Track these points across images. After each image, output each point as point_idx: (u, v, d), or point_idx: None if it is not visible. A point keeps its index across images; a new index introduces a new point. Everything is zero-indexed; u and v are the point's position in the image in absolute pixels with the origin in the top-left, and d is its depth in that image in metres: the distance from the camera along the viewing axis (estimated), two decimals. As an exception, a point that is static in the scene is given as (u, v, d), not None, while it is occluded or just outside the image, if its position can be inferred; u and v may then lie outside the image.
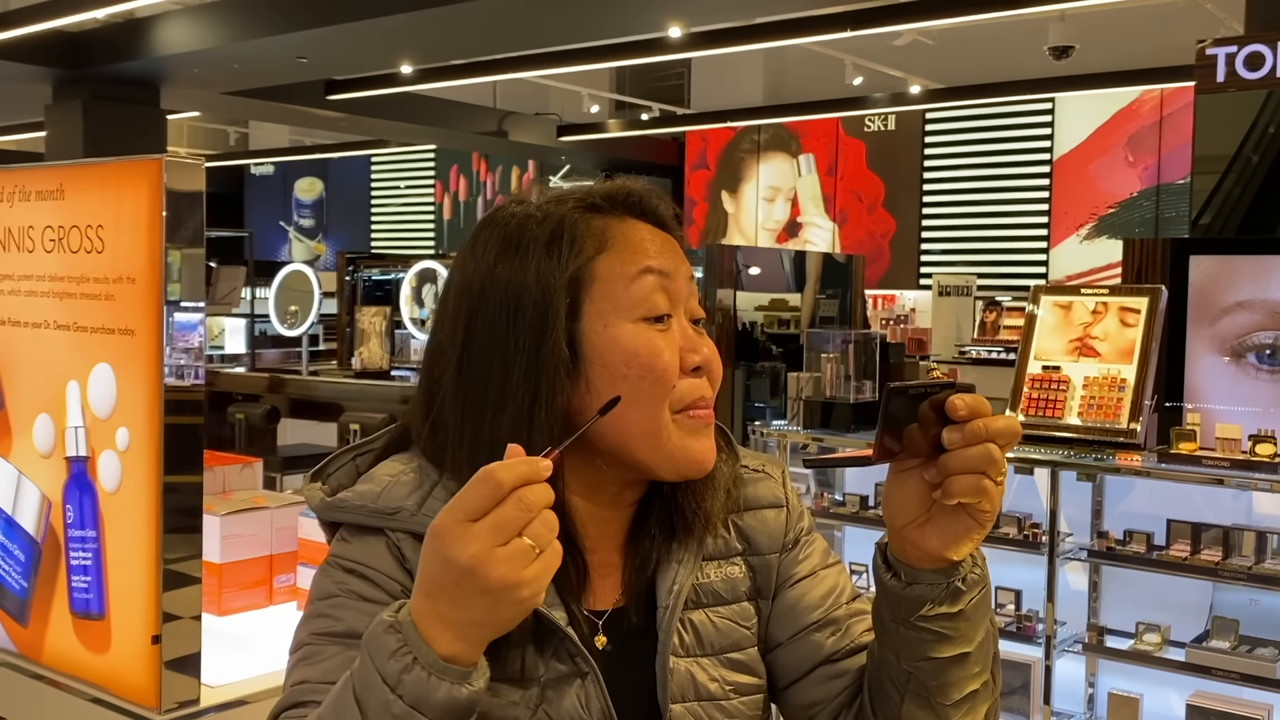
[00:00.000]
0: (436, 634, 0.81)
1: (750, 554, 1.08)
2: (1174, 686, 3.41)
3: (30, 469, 1.78)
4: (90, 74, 9.09)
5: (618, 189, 1.04)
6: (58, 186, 1.71)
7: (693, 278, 1.03)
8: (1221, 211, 5.38)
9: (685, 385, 0.98)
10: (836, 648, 1.07)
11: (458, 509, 0.80)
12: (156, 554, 1.56)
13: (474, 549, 0.79)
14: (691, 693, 1.01)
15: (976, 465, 0.89)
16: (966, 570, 0.95)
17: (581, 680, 0.97)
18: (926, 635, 0.95)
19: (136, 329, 1.59)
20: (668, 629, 1.01)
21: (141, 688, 1.60)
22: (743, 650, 1.05)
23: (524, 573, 0.80)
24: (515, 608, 0.81)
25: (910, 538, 0.94)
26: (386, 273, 7.92)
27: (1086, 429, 3.50)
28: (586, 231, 0.99)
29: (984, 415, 0.90)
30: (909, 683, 0.98)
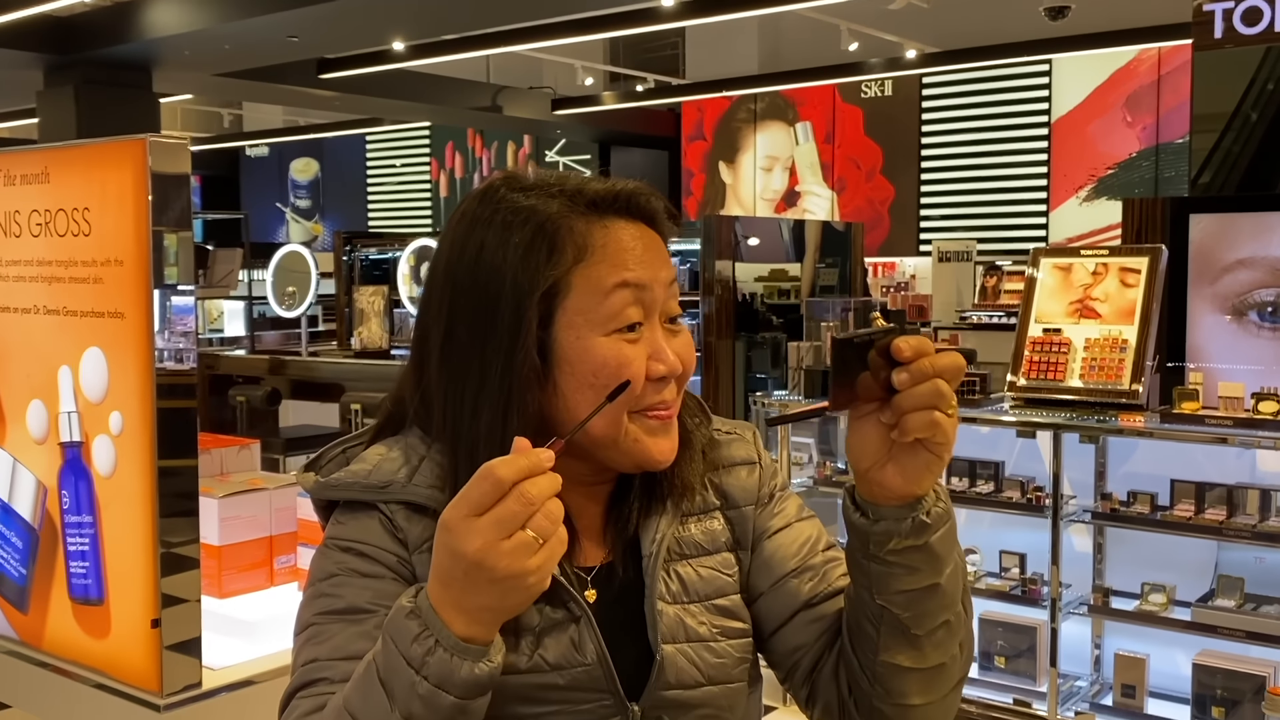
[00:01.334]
0: (452, 617, 0.86)
1: (727, 508, 1.14)
2: (1180, 646, 3.41)
3: (25, 455, 1.77)
4: (81, 59, 9.04)
5: (609, 190, 1.05)
6: (43, 170, 1.69)
7: (673, 279, 1.06)
8: (1221, 169, 5.34)
9: (647, 390, 1.02)
10: (814, 592, 1.11)
11: (463, 504, 0.85)
12: (154, 538, 1.56)
13: (479, 543, 0.84)
14: (682, 635, 1.06)
15: (927, 401, 0.94)
16: (930, 504, 0.99)
17: (575, 624, 1.03)
18: (897, 569, 0.99)
19: (126, 311, 1.58)
20: (653, 575, 1.06)
21: (143, 672, 1.60)
22: (727, 597, 1.11)
23: (528, 563, 0.84)
24: (523, 594, 0.86)
25: (874, 478, 0.98)
26: (384, 252, 7.89)
27: (1088, 391, 3.49)
28: (569, 237, 1.01)
29: (928, 355, 0.94)
30: (883, 617, 1.01)
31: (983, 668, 3.68)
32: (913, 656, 1.02)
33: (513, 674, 1.00)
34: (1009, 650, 3.64)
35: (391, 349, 6.42)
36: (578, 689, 1.02)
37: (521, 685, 1.01)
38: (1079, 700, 3.52)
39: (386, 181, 15.55)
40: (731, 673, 1.09)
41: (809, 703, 1.12)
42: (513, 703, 1.00)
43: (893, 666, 1.03)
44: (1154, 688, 3.44)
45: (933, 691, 1.05)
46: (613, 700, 1.03)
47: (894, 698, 1.04)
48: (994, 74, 10.47)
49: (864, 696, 1.06)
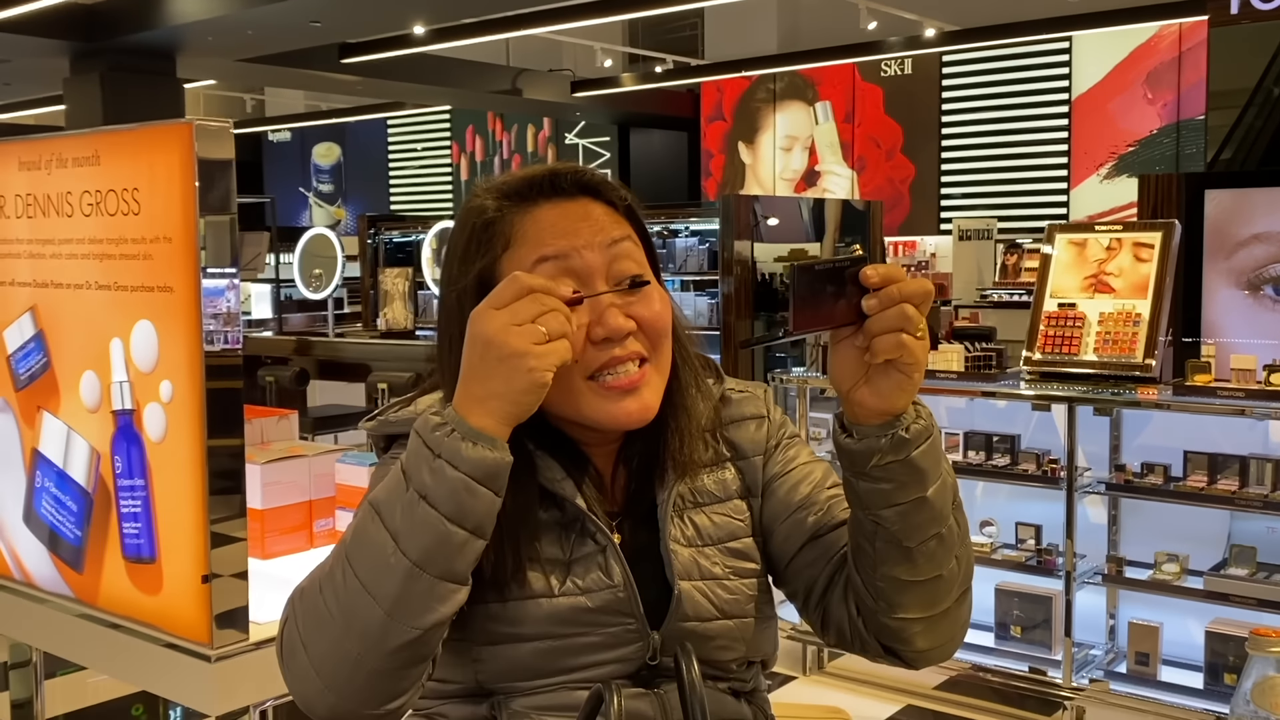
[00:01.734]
0: (469, 410, 0.99)
1: (738, 459, 1.25)
2: (1193, 615, 3.47)
3: (79, 424, 1.86)
4: (107, 46, 9.14)
5: (526, 175, 1.17)
6: (93, 153, 1.78)
7: (618, 241, 1.14)
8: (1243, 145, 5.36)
9: (591, 354, 1.11)
10: (820, 524, 1.21)
11: (490, 301, 0.99)
12: (203, 499, 1.65)
13: (495, 325, 0.98)
14: (696, 573, 1.17)
15: (895, 324, 1.01)
16: (909, 421, 1.06)
17: (602, 554, 1.13)
18: (883, 484, 1.07)
19: (175, 286, 1.67)
20: (664, 519, 1.17)
21: (194, 625, 1.69)
22: (739, 540, 1.21)
23: (534, 346, 0.97)
24: (525, 377, 0.97)
25: (855, 399, 1.06)
26: (407, 234, 7.98)
27: (1103, 364, 3.54)
28: (499, 230, 1.14)
29: (897, 281, 1.02)
30: (877, 533, 1.10)
31: (999, 637, 3.75)
32: (908, 569, 1.10)
33: (549, 597, 1.11)
34: (1025, 620, 3.71)
35: (416, 329, 6.51)
36: (606, 612, 1.12)
37: (556, 607, 1.11)
38: (1094, 668, 3.59)
39: (408, 165, 15.64)
40: (745, 608, 1.18)
41: (824, 628, 1.21)
42: (549, 624, 1.11)
43: (891, 580, 1.11)
44: (1167, 656, 3.50)
45: (933, 604, 1.13)
46: (636, 625, 1.13)
47: (895, 611, 1.12)
48: (1014, 52, 10.44)
49: (870, 614, 1.15)
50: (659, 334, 1.14)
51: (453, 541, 0.98)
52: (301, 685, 1.04)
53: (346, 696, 1.02)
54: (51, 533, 1.93)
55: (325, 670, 1.01)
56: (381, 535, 0.99)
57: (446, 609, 1.00)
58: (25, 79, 10.77)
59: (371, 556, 0.99)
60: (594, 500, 1.16)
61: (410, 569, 0.97)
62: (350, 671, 1.00)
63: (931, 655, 1.17)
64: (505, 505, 1.09)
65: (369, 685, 1.01)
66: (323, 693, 1.02)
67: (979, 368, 3.79)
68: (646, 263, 1.17)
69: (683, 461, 1.18)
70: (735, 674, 1.20)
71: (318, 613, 1.02)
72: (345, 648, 1.00)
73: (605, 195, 1.17)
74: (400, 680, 1.02)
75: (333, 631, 1.00)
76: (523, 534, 1.12)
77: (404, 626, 0.98)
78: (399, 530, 0.98)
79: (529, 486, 1.13)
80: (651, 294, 1.15)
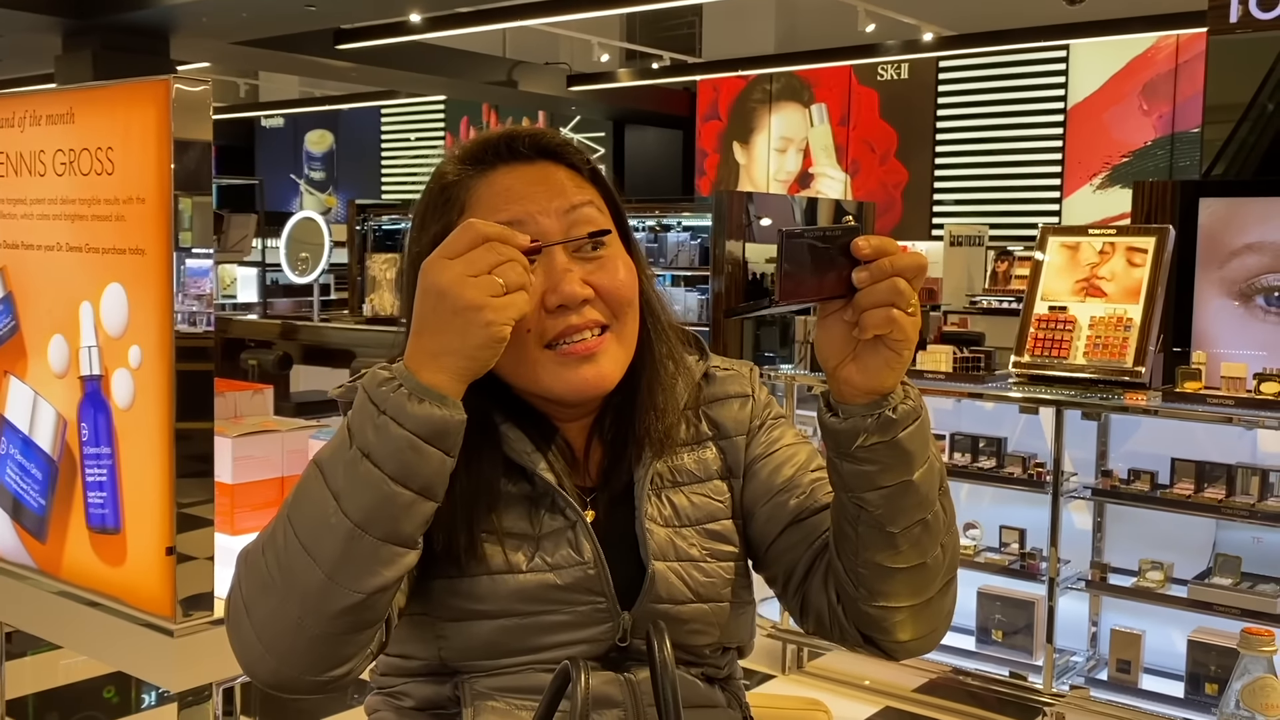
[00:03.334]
0: (420, 365, 0.93)
1: (719, 438, 1.21)
2: (1176, 623, 3.45)
3: (46, 389, 1.81)
4: (99, 24, 9.07)
5: (484, 139, 1.13)
6: (68, 110, 1.73)
7: (577, 207, 1.09)
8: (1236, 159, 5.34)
9: (547, 322, 1.06)
10: (801, 508, 1.16)
11: (442, 250, 0.94)
12: (169, 468, 1.60)
13: (450, 275, 0.92)
14: (672, 554, 1.12)
15: (885, 299, 0.97)
16: (896, 401, 1.01)
17: (572, 529, 1.09)
18: (868, 466, 1.02)
19: (146, 248, 1.62)
20: (640, 498, 1.13)
21: (157, 598, 1.65)
22: (718, 521, 1.17)
23: (489, 299, 0.92)
24: (481, 331, 0.92)
25: (842, 376, 1.01)
26: (396, 221, 7.94)
27: (1092, 368, 3.52)
28: (455, 194, 1.10)
29: (890, 254, 0.97)
30: (860, 517, 1.05)
31: (980, 641, 3.72)
32: (890, 555, 1.05)
33: (516, 573, 1.06)
34: (1007, 624, 3.68)
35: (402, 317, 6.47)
36: (575, 589, 1.08)
37: (523, 584, 1.07)
38: (1075, 675, 3.56)
39: (401, 155, 15.58)
40: (721, 592, 1.14)
41: (803, 614, 1.17)
42: (515, 600, 1.06)
43: (873, 566, 1.06)
44: (1149, 664, 3.48)
45: (916, 593, 1.08)
46: (607, 604, 1.09)
47: (877, 599, 1.08)
48: (1010, 59, 10.44)
49: (850, 601, 1.10)
50: (620, 303, 1.09)
51: (397, 502, 0.93)
52: (244, 649, 1.00)
53: (288, 662, 0.97)
54: (15, 501, 1.89)
55: (266, 634, 0.97)
56: (323, 494, 0.94)
57: (391, 573, 0.95)
58: (17, 55, 10.68)
59: (312, 517, 0.95)
60: (564, 474, 1.12)
61: (351, 530, 0.93)
62: (291, 636, 0.96)
63: (912, 646, 1.13)
64: (463, 477, 1.04)
65: (311, 650, 0.97)
66: (264, 657, 0.98)
67: (967, 370, 3.76)
68: (614, 228, 1.13)
69: (658, 439, 1.14)
70: (708, 659, 1.16)
71: (259, 575, 0.98)
72: (286, 611, 0.96)
73: (567, 159, 1.13)
74: (343, 646, 0.98)
75: (274, 594, 0.96)
76: (480, 507, 1.08)
77: (345, 590, 0.94)
78: (341, 490, 0.93)
79: (492, 458, 1.09)
80: (615, 260, 1.10)
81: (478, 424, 1.07)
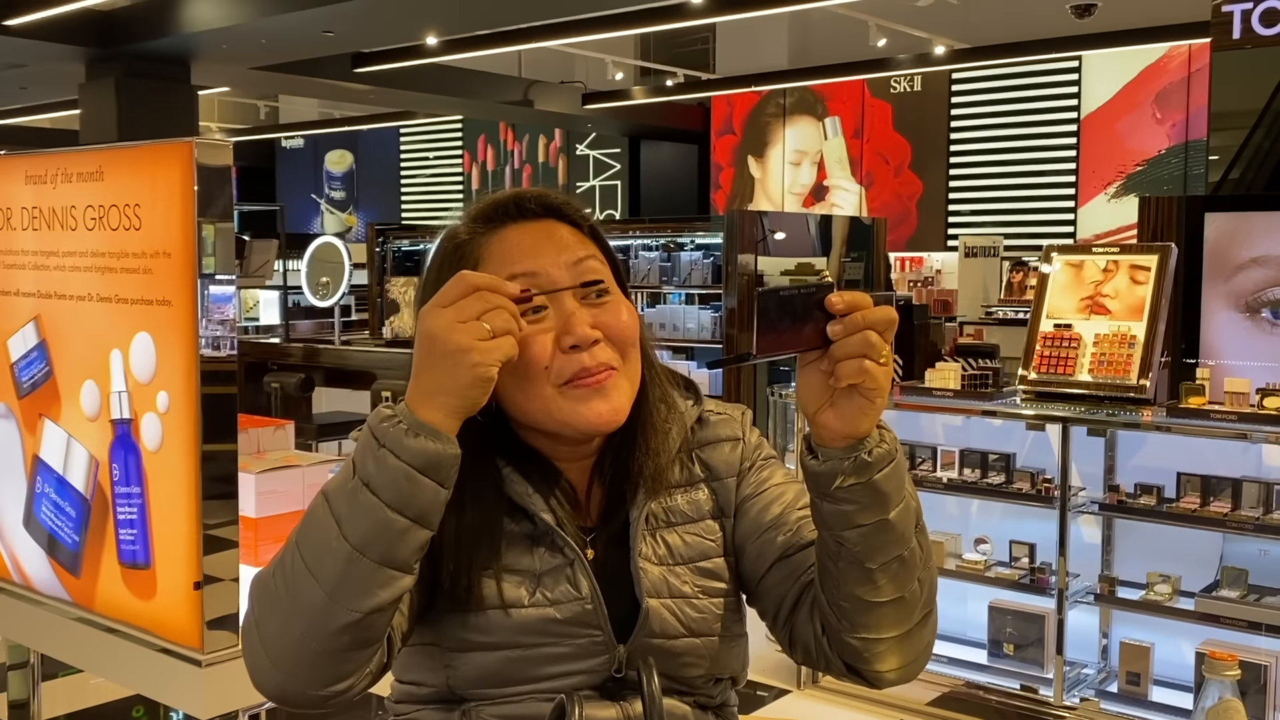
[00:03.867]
0: (418, 404, 1.02)
1: (711, 480, 1.28)
2: (1184, 635, 3.48)
3: (78, 431, 1.91)
4: (122, 52, 9.23)
5: (493, 200, 1.22)
6: (97, 169, 1.82)
7: (583, 260, 1.18)
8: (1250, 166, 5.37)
9: (561, 363, 1.14)
10: (789, 544, 1.23)
11: (436, 299, 1.02)
12: (197, 508, 1.69)
13: (441, 322, 1.00)
14: (666, 591, 1.19)
15: (858, 351, 1.03)
16: (872, 445, 1.08)
17: (570, 567, 1.17)
18: (846, 506, 1.09)
19: (173, 300, 1.71)
20: (635, 538, 1.20)
21: (186, 630, 1.73)
22: (710, 560, 1.24)
23: (476, 343, 1.00)
24: (469, 372, 1.00)
25: (820, 422, 1.08)
26: (416, 243, 8.04)
27: (1097, 385, 3.57)
28: (468, 251, 1.19)
29: (862, 308, 1.04)
30: (840, 553, 1.12)
31: (991, 654, 3.76)
32: (870, 590, 1.12)
33: (518, 608, 1.15)
34: (1017, 638, 3.73)
35: (422, 339, 6.54)
36: (573, 624, 1.16)
37: (525, 618, 1.15)
38: (1085, 687, 3.60)
39: (420, 174, 15.72)
40: (712, 626, 1.21)
41: (791, 646, 1.24)
42: (517, 633, 1.15)
43: (854, 599, 1.13)
44: (1158, 676, 3.51)
45: (895, 625, 1.15)
46: (603, 638, 1.16)
47: (858, 630, 1.15)
48: (1023, 70, 10.48)
49: (834, 633, 1.17)
50: (625, 342, 1.17)
51: (393, 528, 1.01)
52: (254, 664, 1.08)
53: (291, 675, 1.06)
54: (50, 537, 1.98)
55: (272, 649, 1.06)
56: (327, 520, 1.03)
57: (386, 594, 1.03)
58: (41, 84, 10.88)
59: (316, 540, 1.03)
60: (564, 515, 1.19)
61: (351, 552, 1.01)
62: (295, 651, 1.04)
63: (893, 676, 1.19)
64: (467, 515, 1.13)
65: (313, 665, 1.05)
66: (270, 671, 1.06)
67: (976, 386, 3.81)
68: (613, 279, 1.21)
69: (650, 479, 1.21)
70: (701, 689, 1.23)
71: (269, 593, 1.06)
72: (290, 627, 1.04)
73: (569, 216, 1.21)
74: (343, 663, 1.06)
75: (280, 612, 1.05)
76: (483, 546, 1.15)
77: (344, 609, 1.02)
78: (342, 515, 1.02)
79: (494, 499, 1.17)
80: (618, 305, 1.18)
81: (482, 467, 1.15)
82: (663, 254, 6.88)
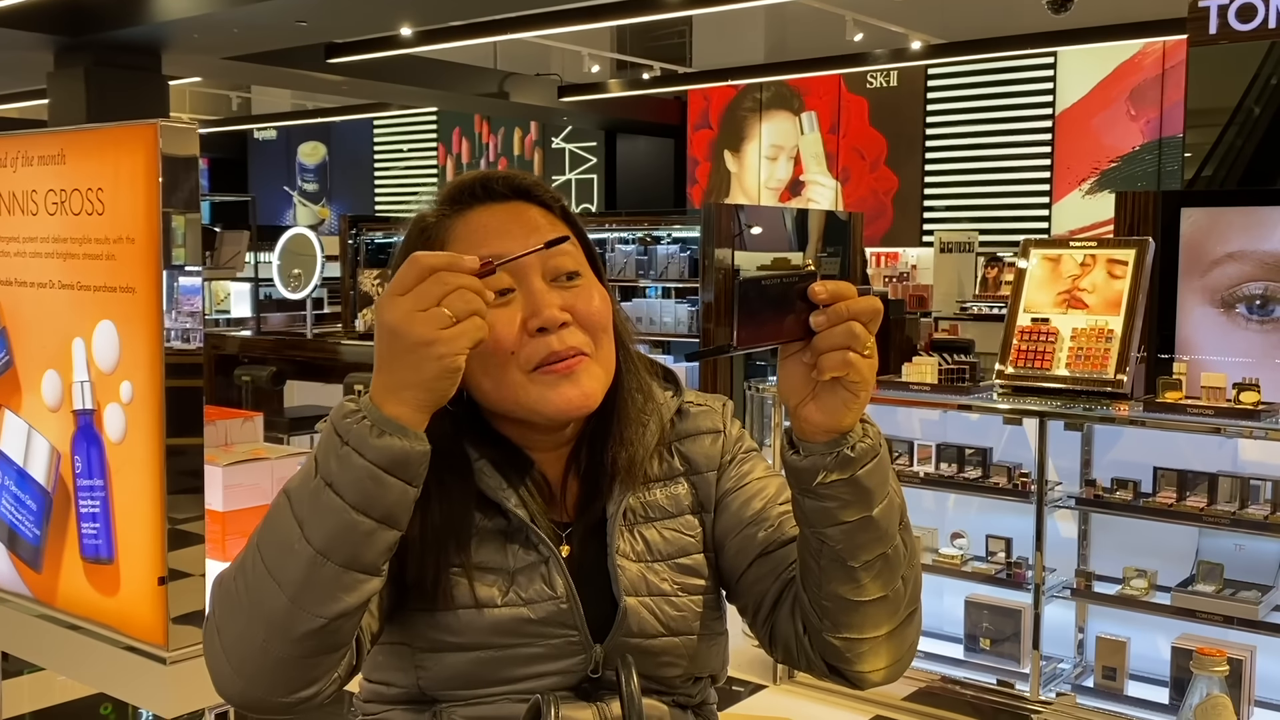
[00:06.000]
0: (382, 400, 0.96)
1: (691, 474, 1.24)
2: (1160, 630, 3.48)
3: (39, 423, 1.85)
4: (91, 41, 9.11)
5: (460, 182, 1.18)
6: (59, 151, 1.77)
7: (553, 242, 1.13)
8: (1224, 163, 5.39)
9: (530, 347, 1.10)
10: (769, 541, 1.19)
11: (392, 287, 0.96)
12: (161, 500, 1.64)
13: (399, 313, 0.94)
14: (644, 589, 1.16)
15: (841, 342, 0.99)
16: (855, 440, 1.04)
17: (545, 565, 1.13)
18: (829, 502, 1.05)
19: (137, 286, 1.66)
20: (612, 534, 1.16)
21: (150, 627, 1.68)
22: (689, 556, 1.20)
23: (439, 333, 0.93)
24: (434, 364, 0.94)
25: (802, 415, 1.04)
26: (389, 236, 7.97)
27: (1074, 379, 3.56)
28: (434, 234, 1.14)
29: (846, 298, 1.00)
30: (823, 551, 1.08)
31: (968, 649, 3.76)
32: (852, 589, 1.08)
33: (491, 607, 1.10)
34: (994, 632, 3.72)
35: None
36: (548, 623, 1.11)
37: (498, 617, 1.10)
38: (1061, 682, 3.60)
39: (393, 166, 15.62)
40: (691, 625, 1.17)
41: (772, 644, 1.20)
42: (490, 634, 1.10)
43: (836, 598, 1.09)
44: (1134, 670, 3.51)
45: (879, 625, 1.11)
46: (579, 638, 1.12)
47: (840, 630, 1.11)
48: (999, 66, 10.51)
49: (815, 631, 1.13)
50: (596, 328, 1.13)
51: (358, 530, 0.96)
52: (216, 669, 1.03)
53: (255, 682, 1.01)
54: (10, 531, 1.93)
55: (234, 655, 1.01)
56: (289, 522, 0.97)
57: (352, 599, 0.98)
58: (8, 72, 10.72)
59: (278, 543, 0.98)
60: (538, 511, 1.15)
61: (314, 556, 0.96)
62: (258, 658, 1.00)
63: (875, 677, 1.15)
64: (435, 511, 1.08)
65: (276, 672, 1.00)
66: (232, 677, 1.02)
67: (953, 381, 3.80)
68: (585, 262, 1.17)
69: (625, 471, 1.17)
70: (680, 689, 1.19)
71: (230, 598, 1.02)
72: (253, 633, 0.99)
73: (539, 198, 1.18)
74: (308, 669, 1.01)
75: (242, 617, 1.00)
76: (450, 542, 1.11)
77: (307, 614, 0.97)
78: (304, 517, 0.97)
79: (464, 493, 1.13)
80: (589, 288, 1.14)
81: (451, 459, 1.11)
82: (639, 248, 6.85)
